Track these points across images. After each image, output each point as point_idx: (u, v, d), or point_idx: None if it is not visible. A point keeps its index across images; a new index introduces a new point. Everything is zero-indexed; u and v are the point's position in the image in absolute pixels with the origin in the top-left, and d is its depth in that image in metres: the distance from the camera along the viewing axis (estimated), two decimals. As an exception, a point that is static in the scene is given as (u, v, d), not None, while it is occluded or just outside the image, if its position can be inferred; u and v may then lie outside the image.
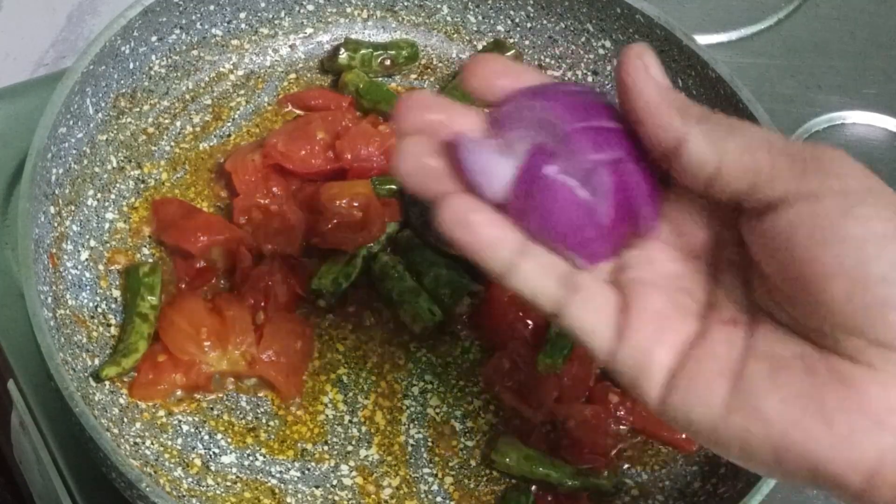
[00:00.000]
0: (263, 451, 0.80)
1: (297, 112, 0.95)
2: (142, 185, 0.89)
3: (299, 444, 0.81)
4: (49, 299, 0.79)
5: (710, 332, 0.53)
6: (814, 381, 0.50)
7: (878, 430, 0.49)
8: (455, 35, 1.01)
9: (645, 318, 0.53)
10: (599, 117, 0.52)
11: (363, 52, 0.97)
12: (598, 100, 0.54)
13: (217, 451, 0.80)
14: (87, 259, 0.84)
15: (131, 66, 0.90)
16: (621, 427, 0.84)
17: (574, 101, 0.53)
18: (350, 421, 0.82)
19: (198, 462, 0.79)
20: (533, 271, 0.54)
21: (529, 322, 0.85)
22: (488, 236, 0.54)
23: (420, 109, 0.56)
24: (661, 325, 0.53)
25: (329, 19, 0.99)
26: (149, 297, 0.82)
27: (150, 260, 0.86)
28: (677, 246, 0.55)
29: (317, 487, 0.80)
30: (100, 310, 0.83)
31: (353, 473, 0.80)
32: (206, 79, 0.95)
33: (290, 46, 0.99)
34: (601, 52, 0.98)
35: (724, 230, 0.55)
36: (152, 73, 0.92)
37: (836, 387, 0.49)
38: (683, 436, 0.84)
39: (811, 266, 0.49)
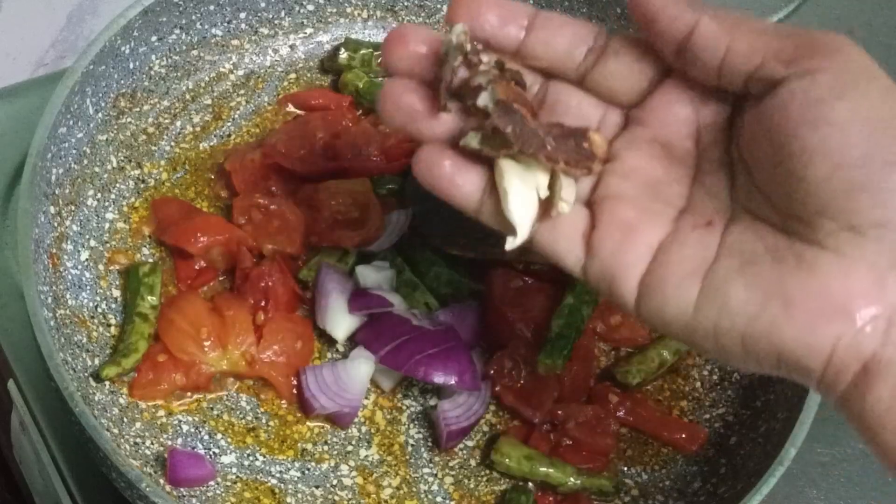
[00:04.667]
0: (263, 451, 0.80)
1: (297, 112, 0.95)
2: (142, 185, 0.89)
3: (299, 444, 0.81)
4: (49, 299, 0.79)
5: (682, 236, 0.55)
6: (780, 270, 0.51)
7: (835, 316, 0.50)
8: (455, 35, 1.01)
9: (612, 230, 0.56)
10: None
11: (363, 52, 0.97)
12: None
13: (217, 451, 0.80)
14: (87, 259, 0.84)
15: (131, 66, 0.90)
16: (621, 427, 0.84)
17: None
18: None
19: (198, 462, 0.79)
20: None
21: (530, 322, 0.85)
22: (458, 179, 0.57)
23: (407, 43, 0.58)
24: (629, 235, 0.56)
25: (329, 19, 0.99)
26: (149, 297, 0.82)
27: (150, 260, 0.86)
28: (662, 155, 0.57)
29: (317, 487, 0.80)
30: (100, 310, 0.83)
31: (353, 473, 0.80)
32: (206, 79, 0.95)
33: (290, 46, 0.98)
34: (601, 52, 0.98)
35: (714, 132, 0.56)
36: (152, 73, 0.92)
37: (801, 274, 0.51)
38: (683, 435, 0.84)
39: (797, 147, 0.50)
